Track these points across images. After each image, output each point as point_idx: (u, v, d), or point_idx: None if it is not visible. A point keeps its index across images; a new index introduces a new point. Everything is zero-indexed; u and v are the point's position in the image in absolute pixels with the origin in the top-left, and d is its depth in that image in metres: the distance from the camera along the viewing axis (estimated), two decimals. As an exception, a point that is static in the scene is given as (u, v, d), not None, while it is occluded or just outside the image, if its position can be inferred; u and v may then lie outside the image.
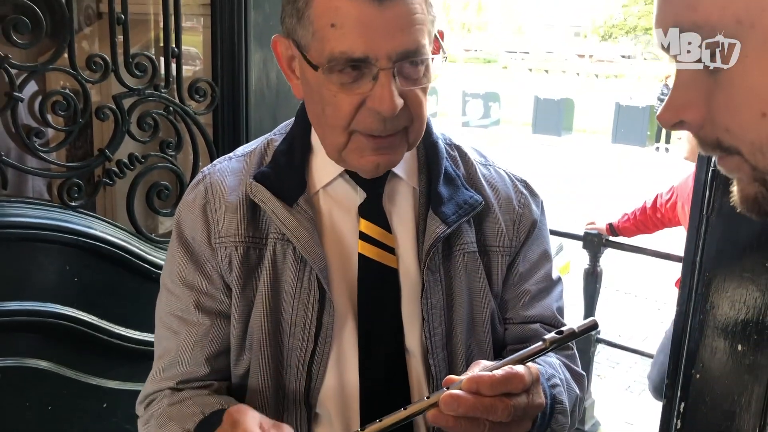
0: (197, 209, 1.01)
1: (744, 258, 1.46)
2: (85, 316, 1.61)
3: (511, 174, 1.11)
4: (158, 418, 0.98)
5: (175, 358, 1.01)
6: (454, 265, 1.02)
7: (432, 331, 0.99)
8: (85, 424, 1.66)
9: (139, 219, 1.76)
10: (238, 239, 0.99)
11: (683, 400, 1.56)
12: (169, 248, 1.04)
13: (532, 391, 0.79)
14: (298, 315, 0.97)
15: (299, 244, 0.95)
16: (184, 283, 1.01)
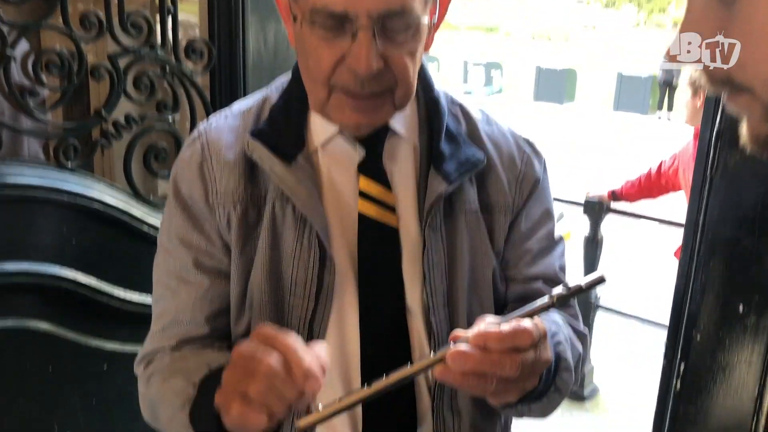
0: (194, 167, 0.99)
1: (747, 219, 1.45)
2: (84, 278, 1.60)
3: (514, 132, 1.09)
4: (161, 374, 0.97)
5: (175, 317, 1.00)
6: (455, 223, 1.00)
7: (433, 289, 0.98)
8: (86, 385, 1.66)
9: (137, 181, 1.74)
10: (236, 198, 0.97)
11: (683, 360, 1.56)
12: (166, 207, 1.03)
13: (539, 347, 0.77)
14: (299, 274, 0.96)
15: (299, 202, 0.94)
16: (182, 242, 0.99)
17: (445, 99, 1.05)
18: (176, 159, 1.03)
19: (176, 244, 1.00)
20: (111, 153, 2.01)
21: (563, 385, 0.92)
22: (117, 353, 1.71)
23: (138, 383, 1.04)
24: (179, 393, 0.91)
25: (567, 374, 0.92)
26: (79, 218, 1.58)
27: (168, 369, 0.96)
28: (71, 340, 1.62)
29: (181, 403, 0.90)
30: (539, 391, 0.87)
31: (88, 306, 1.62)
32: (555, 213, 1.11)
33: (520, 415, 0.98)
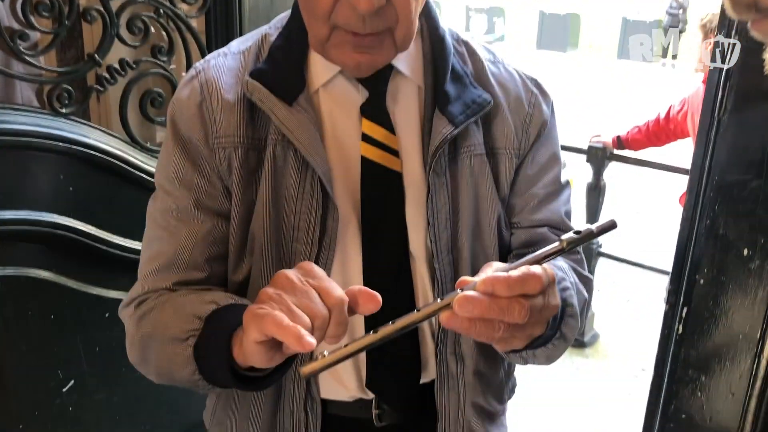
0: (193, 107, 0.95)
1: (755, 161, 1.42)
2: (83, 226, 1.59)
3: (522, 72, 1.05)
4: (159, 309, 0.93)
5: (173, 259, 0.96)
6: (460, 167, 0.98)
7: (437, 235, 0.96)
8: (88, 333, 1.67)
9: (134, 128, 1.71)
10: (237, 140, 0.94)
11: (686, 305, 1.56)
12: (164, 148, 0.99)
13: (548, 293, 0.75)
14: (301, 219, 0.94)
15: (300, 145, 0.91)
16: (182, 183, 0.96)
17: (450, 38, 1.01)
18: (172, 98, 0.99)
19: (176, 184, 0.96)
20: (107, 101, 1.97)
21: (569, 332, 0.91)
22: (118, 301, 1.68)
23: (126, 325, 1.00)
24: (183, 325, 0.87)
25: (573, 321, 0.91)
26: (75, 166, 1.56)
27: (169, 303, 0.92)
28: (72, 289, 1.62)
29: (185, 336, 0.86)
30: (545, 337, 0.86)
31: (87, 254, 1.62)
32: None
33: (525, 361, 0.97)
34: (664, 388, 1.66)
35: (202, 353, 0.85)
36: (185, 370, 0.87)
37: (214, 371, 0.84)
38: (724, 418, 1.56)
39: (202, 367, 0.86)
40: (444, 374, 1.03)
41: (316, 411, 1.01)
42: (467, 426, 1.06)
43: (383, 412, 1.03)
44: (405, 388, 1.04)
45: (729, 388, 1.55)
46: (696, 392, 1.59)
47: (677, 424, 1.63)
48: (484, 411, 1.08)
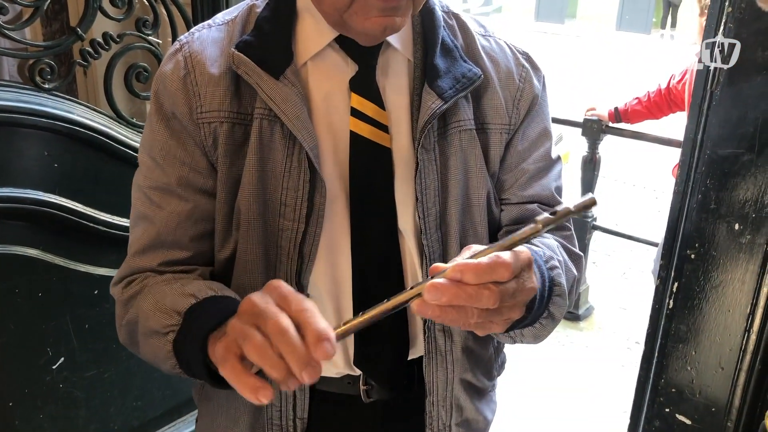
0: (176, 81, 0.92)
1: (747, 135, 1.41)
2: (69, 203, 1.57)
3: (512, 46, 1.03)
4: (143, 297, 0.92)
5: (157, 238, 0.94)
6: (449, 143, 0.96)
7: (426, 211, 0.95)
8: (76, 310, 1.66)
9: (120, 103, 1.69)
10: (222, 114, 0.91)
11: (677, 280, 1.56)
12: (148, 123, 0.96)
13: (522, 276, 0.73)
14: (288, 195, 0.92)
15: (287, 120, 0.89)
16: (165, 159, 0.94)
17: (440, 10, 0.99)
18: (157, 72, 0.97)
19: (159, 161, 0.94)
20: (94, 77, 1.95)
21: (557, 311, 0.90)
22: (106, 278, 1.70)
23: (116, 305, 0.99)
24: (162, 320, 0.86)
25: (561, 300, 0.90)
26: (60, 142, 1.54)
27: (151, 293, 0.91)
28: (59, 266, 1.61)
29: (164, 331, 0.85)
30: (532, 317, 0.85)
31: (74, 231, 1.60)
32: (553, 132, 1.06)
33: (513, 340, 0.97)
34: (655, 361, 1.67)
35: (180, 349, 0.84)
36: (167, 363, 0.87)
37: (191, 368, 0.83)
38: (714, 392, 1.57)
39: (182, 362, 0.84)
40: (432, 350, 1.02)
41: (304, 387, 1.01)
42: (455, 402, 1.05)
43: (371, 388, 1.03)
44: (393, 364, 1.03)
45: (719, 362, 1.55)
46: (686, 366, 1.60)
47: (667, 397, 1.64)
48: (473, 387, 1.08)
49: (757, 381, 1.50)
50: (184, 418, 2.00)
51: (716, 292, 1.51)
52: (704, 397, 1.58)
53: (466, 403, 1.06)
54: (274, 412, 1.01)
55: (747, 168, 1.42)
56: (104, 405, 1.78)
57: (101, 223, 1.64)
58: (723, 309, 1.51)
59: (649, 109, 3.33)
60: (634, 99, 3.37)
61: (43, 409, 1.66)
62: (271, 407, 1.01)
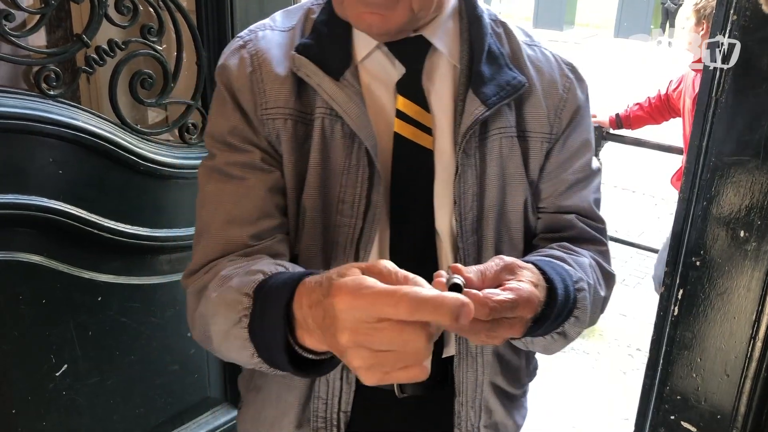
0: (243, 77, 0.96)
1: (752, 141, 1.41)
2: (73, 210, 1.56)
3: (558, 56, 1.05)
4: (213, 287, 0.87)
5: (245, 208, 0.93)
6: (490, 148, 0.98)
7: (463, 214, 0.97)
8: (80, 317, 1.65)
9: (124, 110, 1.69)
10: (286, 111, 0.94)
11: (682, 287, 1.55)
12: (218, 110, 0.98)
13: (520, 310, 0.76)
14: (347, 193, 0.95)
15: (350, 119, 0.92)
16: (244, 141, 0.95)
17: (488, 18, 1.01)
18: (219, 65, 0.99)
19: (238, 143, 0.95)
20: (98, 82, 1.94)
21: (571, 330, 0.91)
22: (111, 285, 1.69)
23: (187, 299, 0.96)
24: (232, 305, 0.79)
25: (578, 322, 0.90)
26: (64, 149, 1.53)
27: (218, 280, 0.87)
28: (63, 273, 1.60)
29: (237, 317, 0.78)
30: (543, 329, 0.85)
31: (78, 238, 1.60)
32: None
33: (525, 345, 0.98)
34: (660, 369, 1.66)
35: (258, 334, 0.77)
36: (244, 353, 0.79)
37: (270, 352, 0.75)
38: (719, 399, 1.57)
39: (260, 349, 0.77)
40: (463, 351, 1.03)
41: (350, 381, 1.02)
42: (485, 404, 1.07)
43: (405, 383, 1.03)
44: None
45: (724, 369, 1.55)
46: (691, 374, 1.60)
47: (672, 405, 1.64)
48: (503, 391, 1.09)
49: (763, 388, 1.50)
50: (186, 425, 1.99)
51: (721, 300, 1.51)
52: (710, 404, 1.57)
53: (496, 407, 1.08)
54: (320, 405, 1.03)
55: (752, 174, 1.42)
56: (107, 413, 1.77)
57: (105, 230, 1.63)
58: (728, 316, 1.50)
59: (650, 114, 3.36)
60: (635, 104, 3.39)
61: (45, 416, 1.65)
62: (318, 400, 1.03)
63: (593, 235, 1.06)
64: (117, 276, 1.71)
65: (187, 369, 1.94)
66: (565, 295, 0.85)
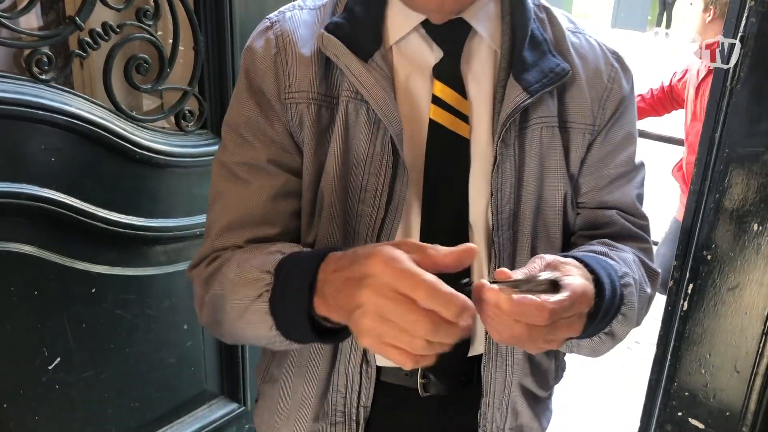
0: (267, 59, 0.92)
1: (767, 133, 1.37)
2: (66, 199, 1.51)
3: (603, 45, 1.01)
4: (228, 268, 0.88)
5: (244, 214, 0.92)
6: (529, 138, 0.94)
7: (500, 208, 0.93)
8: (74, 309, 1.61)
9: (119, 96, 1.63)
10: (311, 96, 0.91)
11: (692, 281, 1.52)
12: (236, 99, 0.95)
13: (568, 316, 0.73)
14: (369, 181, 0.91)
15: (375, 104, 0.88)
16: (256, 135, 0.92)
17: (531, 2, 0.97)
18: (245, 47, 0.96)
19: (249, 137, 0.93)
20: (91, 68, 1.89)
21: (620, 330, 0.87)
22: (105, 276, 1.65)
23: (194, 287, 0.96)
24: (252, 283, 0.82)
25: (626, 320, 0.86)
26: (57, 135, 1.48)
27: (234, 261, 0.88)
28: (56, 264, 1.55)
29: (257, 293, 0.81)
30: (590, 329, 0.81)
31: (71, 228, 1.55)
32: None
33: (570, 349, 0.94)
34: (667, 365, 1.63)
35: (278, 307, 0.80)
36: (261, 327, 0.82)
37: (291, 325, 0.79)
38: (729, 396, 1.54)
39: (279, 322, 0.80)
40: (493, 350, 0.99)
41: (370, 375, 0.99)
42: (512, 406, 1.03)
43: (429, 382, 1.01)
44: (452, 359, 0.99)
45: (734, 365, 1.52)
46: (700, 370, 1.56)
47: (680, 401, 1.61)
48: (531, 393, 1.06)
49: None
50: (183, 419, 1.95)
51: (732, 294, 1.47)
52: (718, 401, 1.54)
53: (523, 408, 1.04)
54: (339, 399, 1.00)
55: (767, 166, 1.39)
56: (101, 406, 1.73)
57: (99, 220, 1.58)
58: (740, 311, 1.47)
59: (652, 106, 3.33)
60: (636, 96, 3.36)
61: (38, 410, 1.61)
62: (336, 393, 1.00)
63: (635, 232, 1.02)
64: (111, 267, 1.66)
65: (184, 362, 1.90)
66: (612, 289, 0.81)
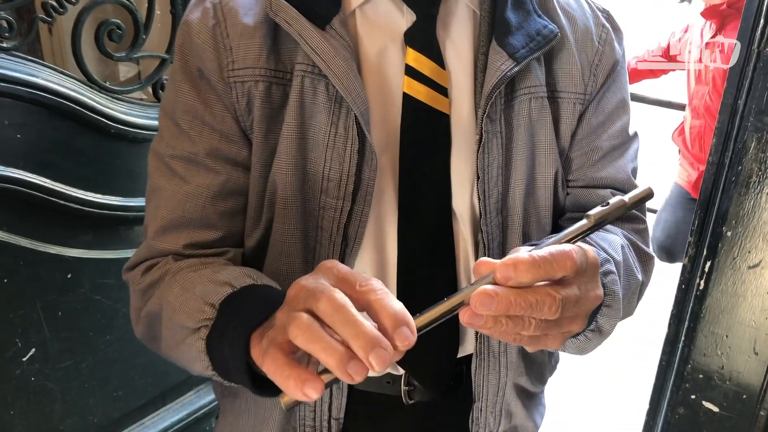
0: (204, 32, 0.79)
1: (795, 99, 1.27)
2: (35, 178, 1.40)
3: (591, 2, 0.90)
4: (167, 286, 0.78)
5: (181, 216, 0.82)
6: (517, 112, 0.83)
7: (487, 192, 0.82)
8: (47, 296, 1.50)
9: (91, 65, 1.50)
10: (258, 72, 0.79)
11: (709, 259, 1.43)
12: (171, 82, 0.83)
13: (587, 280, 0.61)
14: (332, 168, 0.79)
15: (335, 78, 0.75)
16: (192, 124, 0.81)
17: None
18: (181, 22, 0.83)
19: (185, 126, 0.81)
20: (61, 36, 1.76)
21: (606, 324, 0.76)
22: (81, 260, 1.54)
23: (131, 293, 0.86)
24: (192, 313, 0.72)
25: (611, 312, 0.75)
26: (22, 110, 1.36)
27: (175, 280, 0.78)
28: (27, 248, 1.44)
29: (195, 326, 0.72)
30: None
31: (42, 210, 1.43)
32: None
33: (555, 350, 0.85)
34: (680, 346, 1.54)
35: (215, 347, 0.70)
36: (197, 363, 0.74)
37: (229, 372, 0.69)
38: (746, 378, 1.46)
39: (216, 362, 0.71)
40: (484, 351, 0.89)
41: (342, 385, 0.89)
42: (506, 408, 0.94)
43: (413, 389, 0.91)
44: (439, 363, 0.91)
45: (753, 347, 1.43)
46: (716, 351, 1.48)
47: (694, 383, 1.53)
48: (525, 391, 0.97)
49: (796, 368, 1.39)
50: (169, 406, 1.86)
51: (753, 273, 1.38)
52: (735, 383, 1.46)
53: (517, 409, 0.95)
54: (307, 413, 0.89)
55: (794, 136, 1.28)
56: (82, 397, 1.64)
57: (73, 200, 1.46)
58: (760, 291, 1.38)
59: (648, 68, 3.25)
60: (632, 58, 3.29)
61: (13, 405, 1.51)
62: (304, 407, 0.89)
63: (630, 213, 0.93)
64: (88, 250, 1.55)
65: (169, 347, 1.80)
66: None
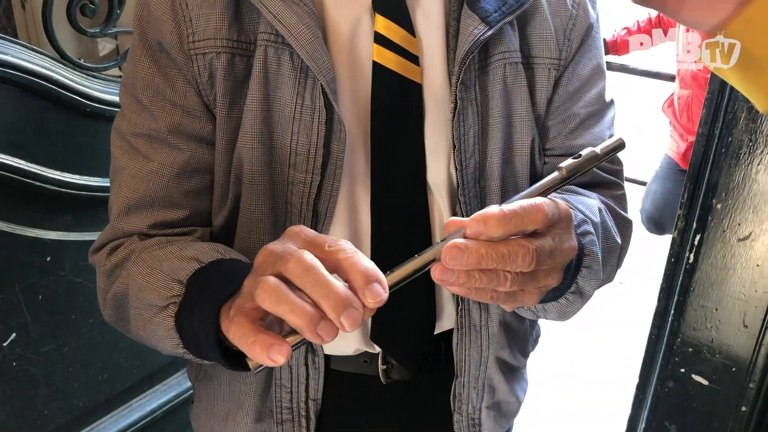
0: (163, 4, 0.76)
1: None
2: (9, 160, 1.36)
3: None
4: (133, 265, 0.76)
5: (145, 196, 0.79)
6: (492, 79, 0.80)
7: (464, 162, 0.80)
8: (27, 280, 1.47)
9: (64, 42, 1.46)
10: (220, 44, 0.75)
11: (699, 232, 1.41)
12: (130, 57, 0.80)
13: (559, 231, 0.59)
14: (299, 141, 0.77)
15: (299, 46, 0.73)
16: (153, 99, 0.78)
17: None
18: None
19: (146, 101, 0.78)
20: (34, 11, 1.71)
21: (587, 285, 0.74)
22: (61, 242, 1.51)
23: (97, 276, 0.84)
24: (160, 291, 0.72)
25: (591, 273, 0.73)
26: (-7, 89, 1.32)
27: (141, 259, 0.76)
28: (4, 232, 1.41)
29: (163, 303, 0.71)
30: (559, 289, 0.70)
31: (18, 192, 1.40)
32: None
33: (536, 315, 0.82)
34: (670, 319, 1.53)
35: (185, 324, 0.69)
36: (166, 342, 0.73)
37: (200, 348, 0.68)
38: (735, 352, 1.45)
39: (187, 339, 0.70)
40: (466, 325, 0.88)
41: (318, 365, 0.87)
42: (488, 382, 0.92)
43: (391, 368, 0.90)
44: (416, 339, 0.89)
45: (742, 320, 1.42)
46: (706, 324, 1.47)
47: (683, 357, 1.52)
48: (507, 365, 0.95)
49: (786, 340, 1.38)
50: (156, 388, 1.84)
51: (744, 246, 1.37)
52: (724, 356, 1.45)
53: (500, 384, 0.93)
54: (284, 394, 0.87)
55: (785, 106, 1.26)
56: (66, 381, 1.61)
57: (49, 182, 1.43)
58: (750, 264, 1.37)
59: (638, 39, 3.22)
60: (622, 29, 3.26)
61: (-5, 390, 1.49)
62: (280, 388, 0.87)
63: (607, 179, 0.93)
64: (67, 233, 1.52)
65: (154, 329, 1.78)
66: None
